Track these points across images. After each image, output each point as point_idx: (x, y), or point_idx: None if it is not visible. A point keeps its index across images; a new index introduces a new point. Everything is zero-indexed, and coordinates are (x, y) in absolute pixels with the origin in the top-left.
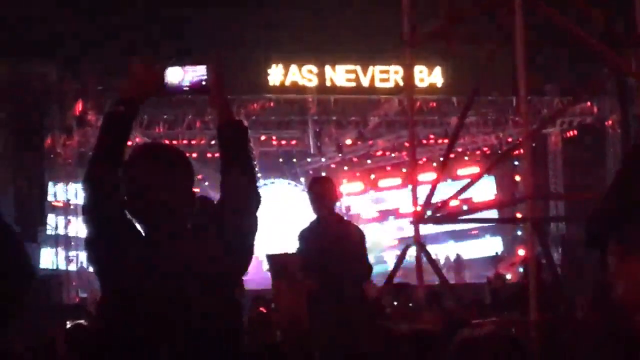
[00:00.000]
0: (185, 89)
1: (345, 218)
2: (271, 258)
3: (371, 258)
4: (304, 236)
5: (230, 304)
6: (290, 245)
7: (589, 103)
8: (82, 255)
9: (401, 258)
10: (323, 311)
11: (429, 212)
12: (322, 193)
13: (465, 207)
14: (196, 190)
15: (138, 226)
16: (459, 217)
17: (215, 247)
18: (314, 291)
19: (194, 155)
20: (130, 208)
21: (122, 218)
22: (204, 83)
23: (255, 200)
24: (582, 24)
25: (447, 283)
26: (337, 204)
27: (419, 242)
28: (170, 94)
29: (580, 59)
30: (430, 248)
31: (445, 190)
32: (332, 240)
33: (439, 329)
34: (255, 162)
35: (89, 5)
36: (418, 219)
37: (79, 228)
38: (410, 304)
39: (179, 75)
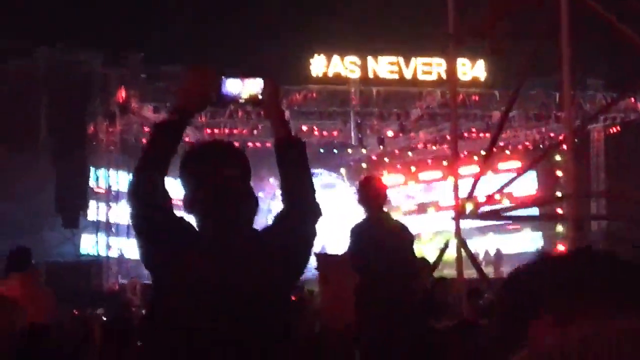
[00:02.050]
0: (241, 100)
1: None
2: (320, 257)
3: None
4: (356, 233)
5: (284, 306)
6: (332, 236)
7: (632, 99)
8: (123, 242)
9: (442, 253)
10: (373, 307)
11: (469, 207)
12: (373, 193)
13: (505, 201)
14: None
15: (193, 222)
16: (500, 214)
17: (273, 253)
18: (362, 286)
19: (235, 144)
20: (188, 203)
21: (171, 220)
22: (260, 96)
23: (315, 213)
24: (628, 17)
25: (486, 278)
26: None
27: (460, 237)
28: (226, 104)
29: (624, 52)
30: (470, 242)
31: (486, 184)
32: (384, 237)
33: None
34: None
35: None
36: (459, 214)
37: (119, 214)
38: (449, 299)
39: (236, 86)
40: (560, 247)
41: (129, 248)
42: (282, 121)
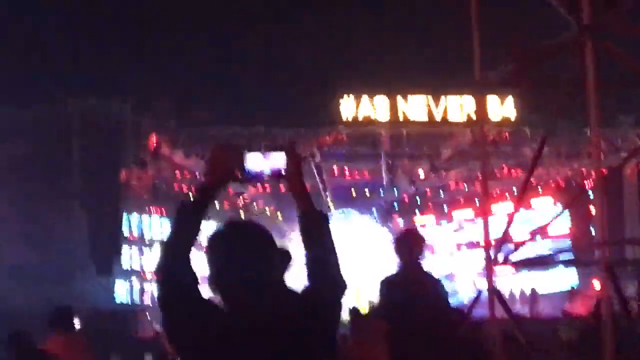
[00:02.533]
0: (265, 176)
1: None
2: (356, 314)
3: None
4: (387, 285)
5: None
6: (363, 275)
7: None
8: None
9: (476, 299)
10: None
11: (503, 249)
12: (409, 246)
13: (538, 238)
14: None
15: (218, 302)
16: (533, 262)
17: (299, 331)
18: (393, 336)
19: (267, 189)
20: (213, 284)
21: (197, 301)
22: (283, 171)
23: (339, 287)
24: None
25: (520, 321)
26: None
27: (492, 288)
28: (250, 181)
29: None
30: (504, 280)
31: (518, 221)
32: (416, 290)
33: None
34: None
35: (164, 44)
36: (491, 263)
37: (152, 261)
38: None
39: (259, 162)
40: (596, 283)
41: None
42: (305, 195)
